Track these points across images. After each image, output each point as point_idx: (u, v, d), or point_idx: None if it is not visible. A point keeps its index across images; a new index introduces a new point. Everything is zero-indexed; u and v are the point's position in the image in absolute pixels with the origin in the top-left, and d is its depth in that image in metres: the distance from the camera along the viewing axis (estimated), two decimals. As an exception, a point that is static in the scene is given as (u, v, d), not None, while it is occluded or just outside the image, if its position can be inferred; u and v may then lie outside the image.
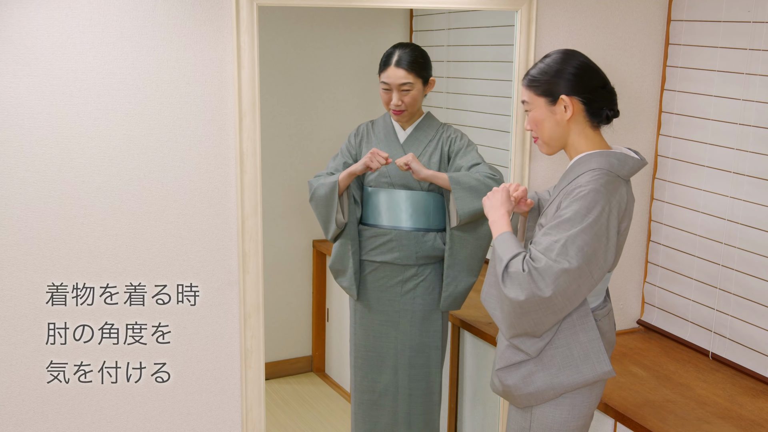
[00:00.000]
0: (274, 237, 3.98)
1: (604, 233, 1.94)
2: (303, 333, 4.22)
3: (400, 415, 2.85)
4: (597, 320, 2.09)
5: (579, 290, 1.94)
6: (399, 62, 2.68)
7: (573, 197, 1.95)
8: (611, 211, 1.96)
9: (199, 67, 2.30)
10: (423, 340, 2.81)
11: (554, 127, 2.06)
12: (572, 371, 2.03)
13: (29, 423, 2.30)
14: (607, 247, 1.96)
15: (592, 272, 1.94)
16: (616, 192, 1.98)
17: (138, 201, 2.31)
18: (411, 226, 2.76)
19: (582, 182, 1.97)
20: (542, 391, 2.05)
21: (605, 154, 2.03)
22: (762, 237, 2.62)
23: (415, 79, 2.69)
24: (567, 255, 1.90)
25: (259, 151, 2.40)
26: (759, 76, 2.60)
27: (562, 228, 1.93)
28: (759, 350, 2.66)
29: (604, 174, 1.98)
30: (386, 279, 2.79)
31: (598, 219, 1.93)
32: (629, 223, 2.07)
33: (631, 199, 2.06)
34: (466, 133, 2.81)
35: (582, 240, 1.91)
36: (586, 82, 2.03)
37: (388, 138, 2.79)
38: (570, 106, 2.02)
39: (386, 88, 2.72)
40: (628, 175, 2.05)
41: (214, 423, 2.51)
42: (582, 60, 2.05)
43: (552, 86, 2.03)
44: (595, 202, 1.93)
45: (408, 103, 2.71)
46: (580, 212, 1.93)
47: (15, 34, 2.11)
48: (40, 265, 2.24)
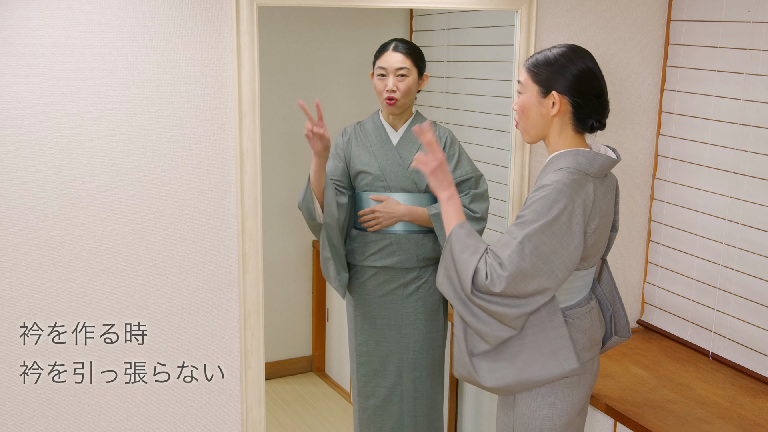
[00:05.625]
0: (274, 237, 3.99)
1: (566, 231, 1.95)
2: (303, 333, 4.22)
3: (406, 418, 2.84)
4: (574, 318, 2.09)
5: (539, 288, 1.96)
6: (397, 47, 2.69)
7: (535, 196, 1.97)
8: (575, 210, 1.96)
9: (199, 67, 2.30)
10: (426, 342, 2.80)
11: (538, 118, 2.07)
12: (539, 367, 2.04)
13: (29, 423, 2.30)
14: (570, 246, 1.96)
15: (553, 271, 1.95)
16: (581, 190, 1.98)
17: (138, 201, 2.31)
18: (410, 229, 2.75)
19: (546, 181, 1.98)
20: (511, 385, 2.06)
21: (574, 152, 2.03)
22: (762, 237, 2.62)
23: (412, 67, 2.68)
24: (522, 252, 1.91)
25: (259, 151, 2.40)
26: (759, 76, 2.60)
27: (521, 226, 1.95)
28: (759, 350, 2.66)
29: (570, 173, 1.98)
30: (387, 283, 2.78)
31: (559, 217, 1.93)
32: (602, 221, 2.05)
33: (602, 197, 2.05)
34: (465, 134, 2.81)
35: (539, 238, 1.92)
36: (582, 87, 2.02)
37: (380, 139, 2.77)
38: (558, 104, 2.03)
39: (382, 74, 2.70)
40: (599, 172, 2.04)
41: (214, 423, 2.51)
42: (588, 65, 2.04)
43: (549, 79, 2.03)
44: (557, 201, 1.94)
45: (403, 90, 2.69)
46: (540, 211, 1.94)
47: (15, 34, 2.11)
48: (40, 265, 2.24)
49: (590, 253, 2.07)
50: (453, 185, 2.11)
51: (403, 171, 2.72)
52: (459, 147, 2.74)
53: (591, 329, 2.15)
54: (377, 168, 2.73)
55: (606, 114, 2.08)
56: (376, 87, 2.72)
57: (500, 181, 3.00)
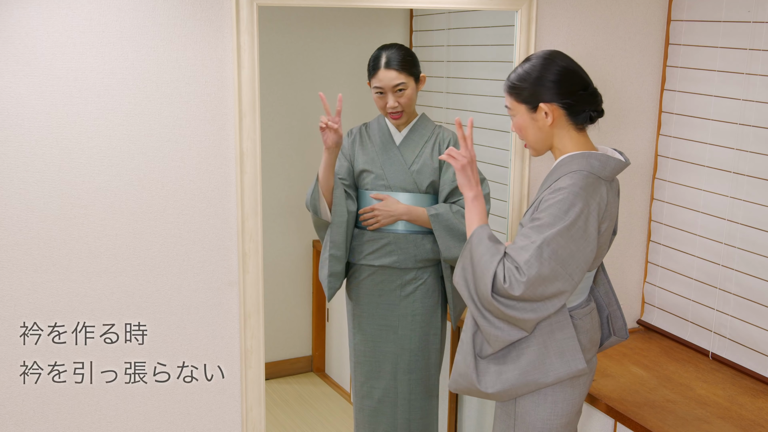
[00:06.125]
0: (274, 237, 3.99)
1: (582, 235, 1.96)
2: (303, 333, 4.22)
3: (399, 421, 2.83)
4: (577, 319, 2.10)
5: (557, 291, 1.96)
6: (389, 63, 2.65)
7: (552, 199, 1.97)
8: (590, 213, 1.97)
9: (199, 67, 2.30)
10: (423, 344, 2.80)
11: (537, 132, 2.08)
12: (547, 368, 2.04)
13: (29, 423, 2.30)
14: (586, 249, 1.97)
15: (570, 274, 1.96)
16: (596, 193, 1.99)
17: (138, 201, 2.31)
18: (409, 229, 2.75)
19: (561, 184, 1.99)
20: (516, 387, 2.05)
21: (586, 155, 2.03)
22: (762, 237, 2.62)
23: (408, 78, 2.66)
24: (541, 257, 1.92)
25: (259, 151, 2.40)
26: (759, 76, 2.60)
27: (539, 230, 1.95)
28: (759, 350, 2.66)
29: (584, 176, 1.99)
30: (384, 283, 2.78)
31: (576, 221, 1.94)
32: (611, 223, 2.07)
33: (612, 200, 2.06)
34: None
35: (557, 243, 1.93)
36: (566, 88, 2.02)
37: (383, 141, 2.77)
38: (550, 113, 2.03)
39: (380, 92, 2.68)
40: (610, 176, 2.05)
41: (214, 423, 2.51)
42: (562, 65, 2.04)
43: (532, 94, 2.04)
44: (573, 204, 1.95)
45: (404, 103, 2.68)
46: (558, 215, 1.94)
47: (15, 34, 2.11)
48: (40, 265, 2.24)
49: (596, 255, 2.08)
50: (479, 185, 2.13)
51: (405, 171, 2.72)
52: None
53: (591, 330, 2.16)
54: (379, 167, 2.73)
55: (599, 101, 2.08)
56: (377, 104, 2.71)
57: (500, 181, 3.00)
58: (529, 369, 2.04)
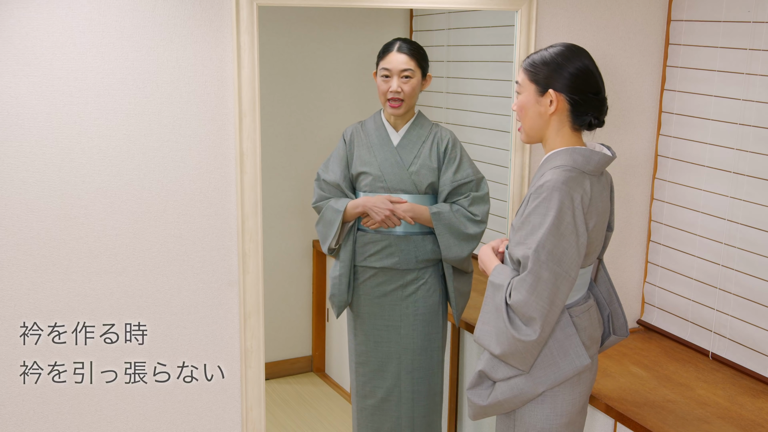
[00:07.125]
0: (274, 237, 3.99)
1: (572, 230, 1.96)
2: (303, 333, 4.22)
3: (404, 419, 2.83)
4: (574, 316, 2.11)
5: (563, 297, 1.99)
6: (401, 48, 2.68)
7: (535, 199, 1.98)
8: (575, 207, 1.97)
9: (199, 67, 2.30)
10: (425, 343, 2.80)
11: (536, 117, 2.08)
12: (553, 369, 2.05)
13: (29, 423, 2.31)
14: (578, 243, 1.98)
15: (568, 272, 1.97)
16: (578, 187, 1.99)
17: (138, 201, 2.31)
18: (409, 230, 2.75)
19: (543, 181, 1.99)
20: (524, 392, 2.07)
21: (570, 150, 2.04)
22: (762, 237, 2.62)
23: (416, 68, 2.68)
24: (539, 261, 1.94)
25: (259, 151, 2.40)
26: (759, 76, 2.60)
27: (530, 233, 1.97)
28: (759, 350, 2.66)
29: (566, 171, 1.99)
30: (385, 284, 2.78)
31: (562, 217, 1.95)
32: (600, 218, 2.07)
33: (600, 194, 2.06)
34: (465, 134, 2.81)
35: (550, 243, 1.94)
36: (579, 85, 2.03)
37: (381, 141, 2.76)
38: (555, 102, 2.03)
39: (386, 75, 2.69)
40: (595, 170, 2.05)
41: (214, 423, 2.51)
42: (585, 62, 2.04)
43: (546, 78, 2.04)
44: (555, 200, 1.95)
45: (407, 92, 2.68)
46: (544, 213, 1.95)
47: (15, 34, 2.12)
48: (40, 265, 2.24)
49: (588, 252, 2.07)
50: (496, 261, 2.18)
51: (403, 172, 2.72)
52: (461, 149, 2.73)
53: (590, 327, 2.16)
54: (377, 168, 2.73)
55: (604, 111, 2.08)
56: (380, 88, 2.71)
57: (500, 181, 3.00)
58: (538, 376, 2.05)
